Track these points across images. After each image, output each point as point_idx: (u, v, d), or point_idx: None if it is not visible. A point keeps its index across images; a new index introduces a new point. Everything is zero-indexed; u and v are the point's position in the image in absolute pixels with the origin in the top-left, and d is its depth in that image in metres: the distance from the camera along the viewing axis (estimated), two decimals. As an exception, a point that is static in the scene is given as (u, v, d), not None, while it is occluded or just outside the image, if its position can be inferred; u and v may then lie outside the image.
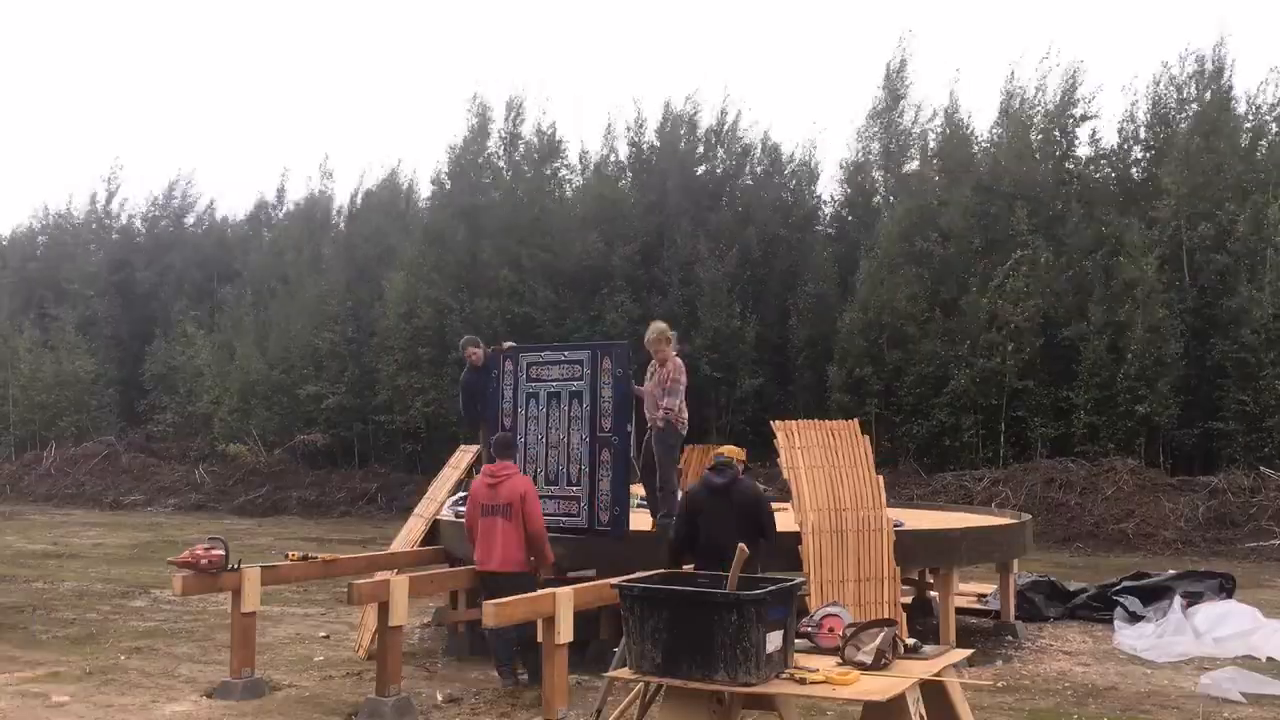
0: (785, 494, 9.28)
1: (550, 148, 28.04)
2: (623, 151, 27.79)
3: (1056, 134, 23.51)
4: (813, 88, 50.11)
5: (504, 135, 28.32)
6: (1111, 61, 45.20)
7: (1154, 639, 9.80)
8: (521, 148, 28.31)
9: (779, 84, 50.38)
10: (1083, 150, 23.67)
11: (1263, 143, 21.85)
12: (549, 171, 27.99)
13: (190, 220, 35.28)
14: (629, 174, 27.44)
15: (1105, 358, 20.38)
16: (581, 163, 28.51)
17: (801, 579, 4.93)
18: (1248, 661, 9.25)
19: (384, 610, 7.51)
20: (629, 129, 27.50)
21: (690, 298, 24.32)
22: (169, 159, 71.00)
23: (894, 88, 25.34)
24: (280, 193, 33.46)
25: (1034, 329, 20.90)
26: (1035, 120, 23.62)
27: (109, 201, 36.22)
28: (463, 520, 8.78)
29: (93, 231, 35.94)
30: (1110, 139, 23.51)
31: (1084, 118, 23.39)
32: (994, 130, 24.32)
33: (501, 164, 28.17)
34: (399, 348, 25.77)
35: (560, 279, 25.38)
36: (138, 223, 35.91)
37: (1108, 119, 25.50)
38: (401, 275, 26.34)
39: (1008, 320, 20.79)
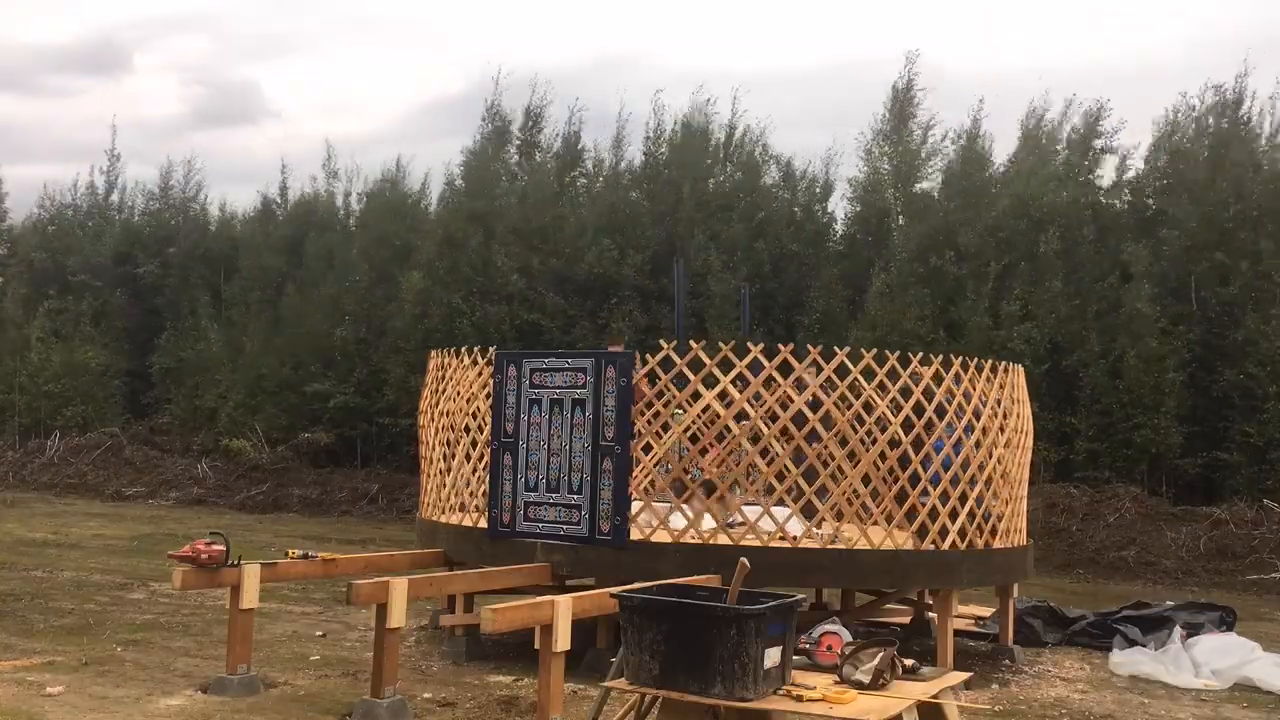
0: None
1: (567, 155, 28.10)
2: (636, 159, 27.85)
3: (1072, 156, 23.50)
4: (828, 101, 50.08)
5: (519, 140, 28.39)
6: (1128, 87, 45.07)
7: (1151, 665, 9.78)
8: (537, 154, 28.36)
9: (794, 96, 50.39)
10: (1099, 175, 23.70)
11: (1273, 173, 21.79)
12: (567, 180, 28.02)
13: (195, 212, 35.19)
14: (643, 184, 27.38)
15: (1105, 384, 20.35)
16: (595, 170, 28.55)
17: (801, 595, 4.92)
18: (1243, 690, 9.23)
19: (382, 612, 7.51)
20: (643, 136, 27.55)
21: (699, 310, 24.27)
22: (170, 149, 71.10)
23: (902, 108, 25.33)
24: (283, 188, 33.26)
25: (1038, 353, 20.86)
26: (1051, 143, 23.63)
27: (110, 193, 36.29)
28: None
29: (97, 223, 35.96)
30: (1126, 166, 23.54)
31: (1105, 150, 23.42)
32: (1012, 155, 24.34)
33: (516, 169, 28.23)
34: (410, 349, 25.69)
35: (570, 286, 25.38)
36: (138, 216, 35.93)
37: (1122, 144, 25.57)
38: (419, 274, 26.27)
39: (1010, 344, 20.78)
